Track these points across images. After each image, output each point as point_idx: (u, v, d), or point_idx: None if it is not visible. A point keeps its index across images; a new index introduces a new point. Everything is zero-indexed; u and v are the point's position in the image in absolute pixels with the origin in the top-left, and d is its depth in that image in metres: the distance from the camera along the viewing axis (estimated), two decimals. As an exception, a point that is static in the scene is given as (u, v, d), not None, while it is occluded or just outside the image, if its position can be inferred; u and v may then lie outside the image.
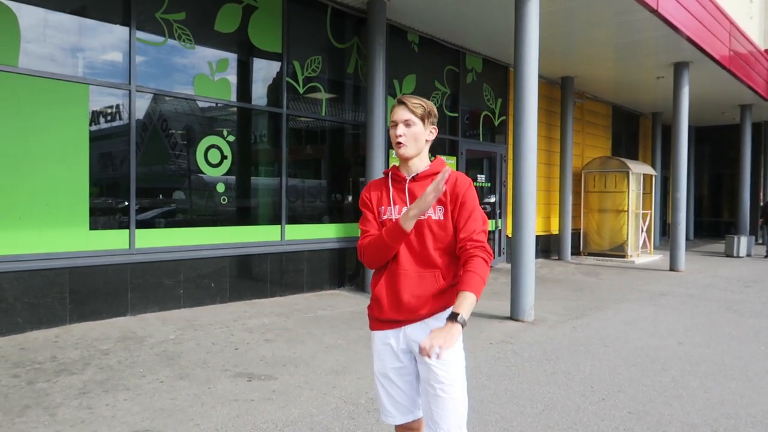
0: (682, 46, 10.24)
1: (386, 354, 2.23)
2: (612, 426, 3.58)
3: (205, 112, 7.07)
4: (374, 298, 2.23)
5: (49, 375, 4.27)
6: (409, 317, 2.15)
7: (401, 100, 2.18)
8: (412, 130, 2.16)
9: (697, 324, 6.56)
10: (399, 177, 2.25)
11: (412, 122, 2.15)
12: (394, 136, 2.17)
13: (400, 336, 2.20)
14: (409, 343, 2.19)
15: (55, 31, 5.69)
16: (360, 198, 2.33)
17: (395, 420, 2.25)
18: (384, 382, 2.25)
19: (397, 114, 2.17)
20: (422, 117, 2.16)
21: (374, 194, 2.29)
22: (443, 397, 2.10)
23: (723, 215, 21.69)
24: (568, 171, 12.98)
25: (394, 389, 2.23)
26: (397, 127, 2.16)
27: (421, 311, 2.14)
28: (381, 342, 2.24)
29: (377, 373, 2.27)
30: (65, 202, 5.71)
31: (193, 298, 6.62)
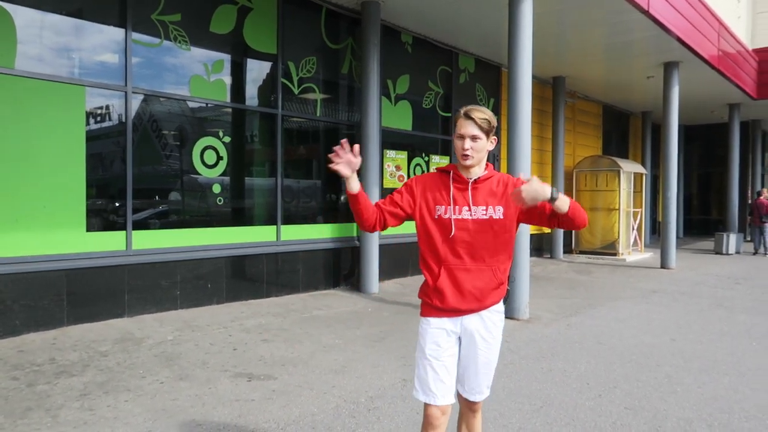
0: (672, 46, 10.36)
1: (441, 338, 2.41)
2: (609, 422, 3.64)
3: (200, 113, 7.08)
4: (436, 289, 2.39)
5: (48, 377, 4.28)
6: (471, 308, 2.39)
7: (469, 115, 2.33)
8: (478, 144, 2.34)
9: (689, 321, 6.65)
10: (461, 179, 2.42)
11: (478, 137, 2.33)
12: (461, 148, 2.35)
13: (457, 324, 2.42)
14: (464, 330, 2.43)
15: (51, 33, 5.69)
16: (406, 182, 2.51)
17: (436, 401, 2.38)
18: (435, 365, 2.40)
19: (466, 128, 2.33)
20: (487, 132, 2.35)
21: (429, 188, 2.45)
22: (481, 373, 2.46)
23: (712, 213, 21.91)
24: (560, 170, 13.08)
25: (442, 371, 2.39)
26: (464, 140, 2.34)
27: (484, 303, 2.39)
28: (437, 327, 2.42)
29: (429, 356, 2.40)
30: (62, 204, 5.70)
31: (190, 298, 6.63)
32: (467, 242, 2.36)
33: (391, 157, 9.30)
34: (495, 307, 2.42)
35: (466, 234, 2.36)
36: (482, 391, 2.49)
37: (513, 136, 6.65)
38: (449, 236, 2.37)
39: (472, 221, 2.36)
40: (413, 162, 9.80)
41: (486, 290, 2.37)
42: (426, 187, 2.45)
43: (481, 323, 2.41)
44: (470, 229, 2.36)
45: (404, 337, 5.65)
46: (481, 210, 2.37)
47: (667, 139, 11.77)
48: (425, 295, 2.45)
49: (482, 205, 2.37)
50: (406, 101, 9.59)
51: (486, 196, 2.38)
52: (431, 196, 2.42)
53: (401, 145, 9.46)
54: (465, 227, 2.37)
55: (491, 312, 2.42)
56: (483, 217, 2.36)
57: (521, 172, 2.26)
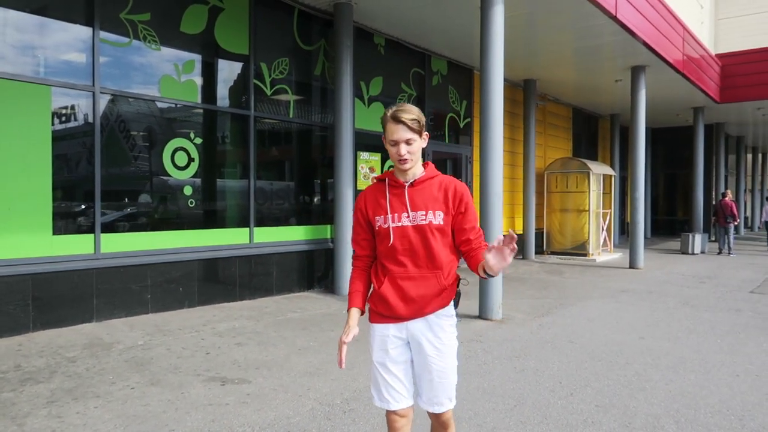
0: (639, 50, 10.58)
1: (386, 345, 2.37)
2: (581, 419, 3.70)
3: (171, 114, 6.97)
4: (379, 296, 2.35)
5: (14, 384, 4.17)
6: (414, 314, 2.33)
7: (399, 119, 2.23)
8: (413, 146, 2.26)
9: (657, 319, 6.80)
10: (397, 183, 2.35)
11: (412, 140, 2.25)
12: (397, 154, 2.25)
13: (402, 329, 2.36)
14: (410, 336, 2.36)
15: (14, 30, 5.54)
16: (356, 205, 2.47)
17: (390, 406, 2.36)
18: (382, 371, 2.37)
19: (398, 133, 2.23)
20: (419, 131, 2.26)
21: (370, 202, 2.40)
22: (437, 382, 2.35)
23: (678, 214, 22.44)
24: (531, 172, 13.24)
25: (391, 377, 2.36)
26: (399, 146, 2.25)
27: (426, 309, 2.32)
28: (381, 334, 2.38)
29: (376, 363, 2.39)
30: (27, 207, 5.56)
31: (161, 302, 6.53)
32: (408, 249, 2.29)
33: (364, 159, 9.30)
34: (442, 312, 2.33)
35: (406, 241, 2.29)
36: (441, 402, 2.36)
37: (485, 138, 6.71)
38: (388, 245, 2.32)
39: (412, 227, 2.29)
40: (387, 163, 9.82)
41: (429, 296, 2.29)
42: (368, 201, 2.40)
43: (427, 328, 2.32)
44: (410, 235, 2.28)
45: (378, 339, 5.64)
46: (420, 215, 2.28)
47: (635, 141, 12.02)
48: (371, 301, 2.40)
49: (422, 209, 2.29)
50: (379, 103, 9.60)
51: (426, 200, 2.30)
52: (371, 210, 2.37)
53: (375, 147, 9.46)
54: (405, 234, 2.29)
55: (438, 316, 2.33)
56: (422, 223, 2.28)
57: (498, 236, 2.11)
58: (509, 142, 13.10)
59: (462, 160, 11.87)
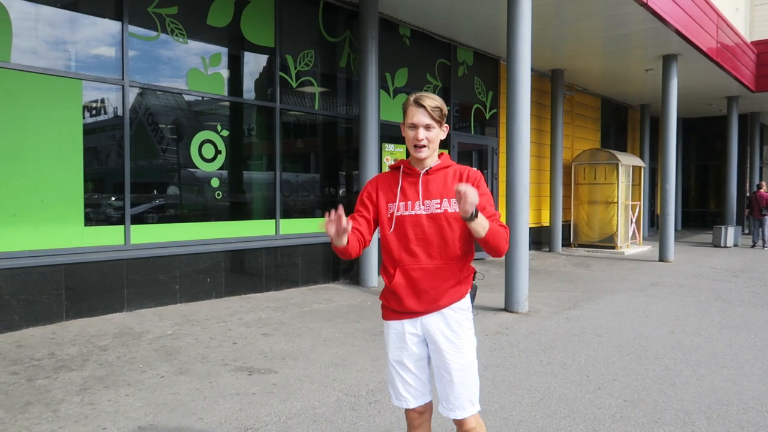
0: (670, 38, 10.33)
1: (402, 342, 2.31)
2: (608, 414, 3.65)
3: (198, 107, 7.05)
4: (391, 291, 2.28)
5: (48, 372, 4.28)
6: (428, 308, 2.25)
7: (420, 102, 2.19)
8: (432, 133, 2.22)
9: (687, 313, 6.67)
10: (412, 171, 2.31)
11: (432, 126, 2.21)
12: (415, 138, 2.21)
13: (417, 325, 2.28)
14: (425, 332, 2.28)
15: (47, 26, 5.65)
16: (365, 188, 2.39)
17: (408, 404, 2.32)
18: (399, 369, 2.32)
19: (418, 117, 2.20)
20: (440, 120, 2.23)
21: (381, 187, 2.34)
22: (457, 382, 2.24)
23: (710, 206, 21.95)
24: (558, 163, 13.07)
25: (408, 375, 2.31)
26: (417, 130, 2.21)
27: (439, 301, 2.24)
28: (396, 330, 2.32)
29: (392, 361, 2.34)
30: (60, 199, 5.68)
31: (189, 293, 6.63)
32: (421, 239, 2.22)
33: (389, 151, 9.28)
34: (457, 305, 2.26)
35: (419, 230, 2.21)
36: (463, 406, 2.24)
37: (512, 129, 6.64)
38: (395, 232, 2.25)
39: (426, 216, 2.21)
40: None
41: (443, 288, 2.22)
42: (380, 187, 2.33)
43: (443, 322, 2.25)
44: (424, 224, 2.21)
45: (404, 331, 5.65)
46: (435, 203, 2.22)
47: (666, 131, 11.76)
48: (384, 297, 2.35)
49: (436, 198, 2.22)
50: (404, 94, 9.55)
51: (440, 188, 2.23)
52: (384, 197, 2.30)
53: (400, 139, 9.43)
54: (418, 223, 2.21)
55: (453, 310, 2.25)
56: (437, 211, 2.21)
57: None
58: (536, 133, 12.94)
59: (488, 151, 11.76)
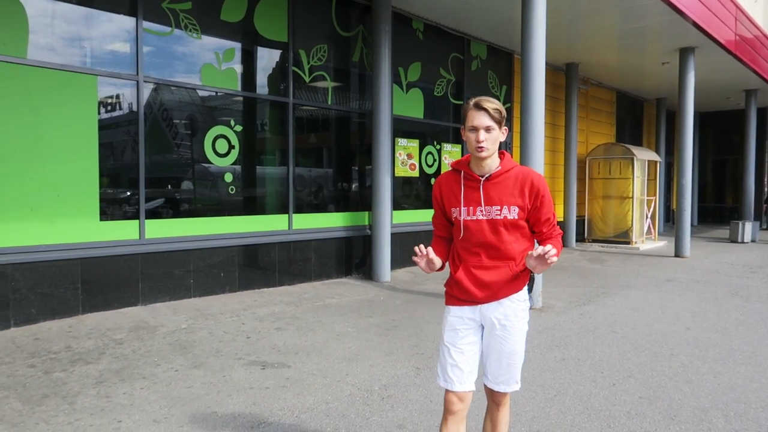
0: (687, 31, 10.18)
1: (460, 326, 2.43)
2: (624, 411, 3.62)
3: (212, 102, 7.07)
4: (455, 281, 2.44)
5: (65, 364, 4.33)
6: (489, 299, 2.40)
7: (481, 106, 2.29)
8: (492, 135, 2.31)
9: (704, 309, 6.59)
10: (473, 176, 2.40)
11: (492, 128, 2.29)
12: (476, 140, 2.30)
13: (476, 311, 2.43)
14: (483, 318, 2.43)
15: (63, 22, 5.69)
16: (433, 194, 2.55)
17: (453, 386, 2.39)
18: (452, 351, 2.42)
19: (479, 120, 2.29)
20: (500, 122, 2.31)
21: (445, 191, 2.47)
22: (505, 363, 2.42)
23: (727, 201, 21.67)
24: (572, 158, 12.97)
25: (460, 358, 2.41)
26: (478, 132, 2.29)
27: (498, 294, 2.39)
28: (456, 315, 2.45)
29: (446, 343, 2.44)
30: (75, 193, 5.74)
31: (203, 287, 6.67)
32: (482, 242, 2.37)
33: (402, 146, 9.26)
34: (516, 296, 2.40)
35: (480, 235, 2.36)
36: (506, 382, 2.45)
37: (526, 123, 6.58)
38: (460, 237, 2.41)
39: (487, 221, 2.35)
40: (425, 150, 9.76)
41: (501, 282, 2.37)
42: (443, 190, 2.47)
43: (501, 310, 2.39)
44: (485, 229, 2.35)
45: (417, 326, 5.65)
46: (495, 210, 2.34)
47: (682, 125, 11.61)
48: (448, 285, 2.49)
49: (497, 204, 2.34)
50: (417, 89, 9.52)
51: (501, 195, 2.35)
52: (447, 200, 2.45)
53: (413, 134, 9.41)
54: (479, 228, 2.36)
55: (512, 300, 2.40)
56: (497, 218, 2.34)
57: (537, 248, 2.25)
58: (550, 128, 12.84)
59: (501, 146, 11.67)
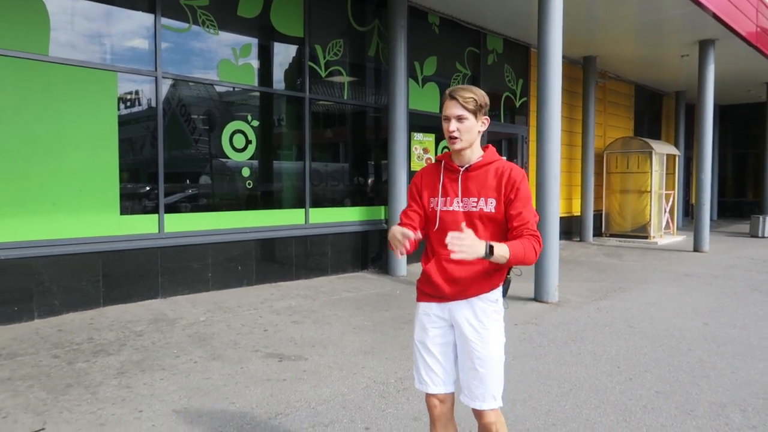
0: (707, 23, 10.04)
1: (428, 324, 2.35)
2: (640, 405, 3.62)
3: (229, 97, 7.14)
4: (425, 274, 2.35)
5: (87, 355, 4.42)
6: (457, 295, 2.27)
7: (452, 95, 2.21)
8: (465, 124, 2.21)
9: (722, 305, 6.53)
10: (452, 167, 2.32)
11: (464, 117, 2.21)
12: (447, 130, 2.23)
13: (445, 310, 2.32)
14: (452, 317, 2.31)
15: (83, 19, 5.77)
16: (412, 181, 2.45)
17: (428, 389, 2.33)
18: (422, 351, 2.35)
19: (450, 109, 2.21)
20: (474, 111, 2.21)
21: (425, 181, 2.39)
22: (479, 372, 2.25)
23: (747, 195, 21.35)
24: (590, 152, 12.87)
25: (430, 358, 2.33)
26: (450, 122, 2.22)
27: (468, 291, 2.26)
28: (424, 312, 2.37)
29: (417, 341, 2.38)
30: (96, 188, 5.83)
31: (221, 280, 6.75)
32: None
33: (418, 140, 9.26)
34: (486, 296, 2.26)
35: (455, 227, 2.19)
36: (483, 397, 2.24)
37: (542, 117, 6.56)
38: (435, 229, 2.30)
39: (463, 213, 2.25)
40: (441, 144, 9.74)
41: (472, 278, 2.24)
42: (423, 180, 2.39)
43: (470, 311, 2.26)
44: (460, 221, 2.22)
45: (432, 320, 5.67)
46: (472, 201, 2.25)
47: (702, 119, 11.46)
48: (419, 280, 2.41)
49: (474, 196, 2.25)
50: (433, 83, 9.51)
51: (479, 187, 2.25)
52: (426, 191, 2.36)
53: (429, 128, 9.40)
54: (455, 219, 2.25)
55: (482, 300, 2.26)
56: (473, 210, 2.24)
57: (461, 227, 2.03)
58: (567, 122, 12.74)
59: (518, 140, 11.64)
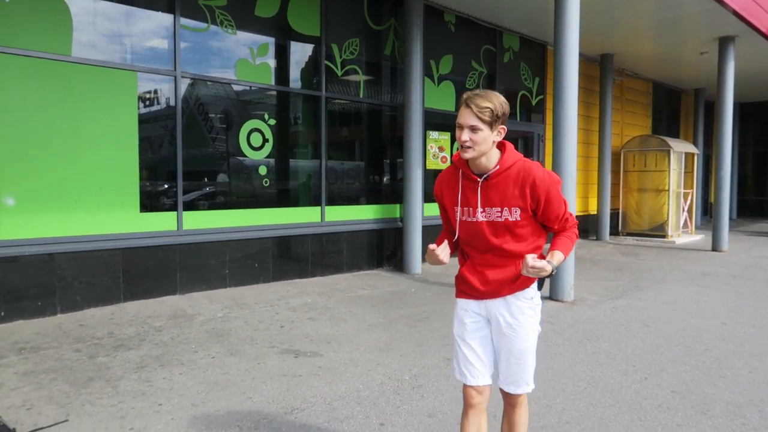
0: (727, 19, 9.91)
1: (466, 319, 2.40)
2: (655, 404, 3.61)
3: (246, 96, 7.21)
4: (461, 275, 2.41)
5: (108, 350, 4.51)
6: (491, 294, 2.33)
7: (467, 103, 2.12)
8: (478, 135, 2.12)
9: (741, 304, 6.47)
10: (470, 176, 2.27)
11: (478, 128, 2.11)
12: (459, 139, 2.16)
13: (482, 306, 2.38)
14: (489, 313, 2.37)
15: (104, 20, 5.87)
16: (435, 192, 2.48)
17: (467, 380, 2.39)
18: (461, 345, 2.41)
19: (463, 117, 2.13)
20: (490, 122, 2.12)
21: (445, 190, 2.39)
22: (513, 363, 2.34)
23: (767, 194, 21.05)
24: (606, 150, 12.78)
25: (469, 352, 2.38)
26: (462, 131, 2.14)
27: (502, 291, 2.32)
28: (462, 308, 2.42)
29: (456, 336, 2.43)
30: (117, 186, 5.94)
31: (238, 277, 6.83)
32: (485, 245, 2.28)
33: (434, 138, 9.27)
34: (522, 294, 2.29)
35: (482, 237, 2.26)
36: (518, 383, 2.35)
37: (559, 115, 6.54)
38: (461, 237, 2.35)
39: (487, 223, 2.24)
40: (456, 143, 9.74)
41: (506, 280, 2.28)
42: (443, 189, 2.38)
43: (506, 308, 2.31)
44: (486, 232, 2.24)
45: (447, 318, 5.69)
46: (495, 212, 2.21)
47: (721, 117, 11.33)
48: (456, 278, 2.46)
49: (497, 206, 2.21)
50: (449, 82, 9.51)
51: (501, 197, 2.20)
52: (447, 199, 2.37)
53: (444, 126, 9.41)
54: (480, 230, 2.25)
55: (517, 297, 2.29)
56: (498, 220, 2.22)
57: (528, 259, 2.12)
58: (584, 120, 12.67)
59: (534, 138, 11.60)
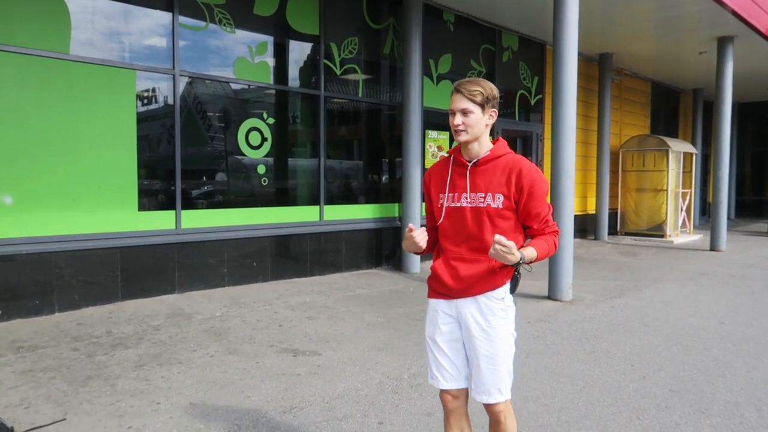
0: (726, 19, 9.92)
1: (437, 320, 2.35)
2: (653, 403, 3.61)
3: (245, 95, 7.21)
4: (433, 271, 2.35)
5: (106, 349, 4.50)
6: (462, 293, 2.27)
7: (458, 88, 2.17)
8: (470, 117, 2.17)
9: (739, 304, 6.48)
10: (461, 162, 2.30)
11: (469, 110, 2.16)
12: (453, 124, 2.20)
13: (452, 306, 2.31)
14: (459, 315, 2.30)
15: (102, 18, 5.86)
16: (423, 181, 2.46)
17: (439, 384, 2.35)
18: (432, 347, 2.36)
19: (455, 102, 2.18)
20: (481, 104, 2.17)
21: (434, 177, 2.39)
22: (483, 368, 2.24)
23: (766, 194, 21.05)
24: (605, 150, 12.79)
25: (440, 355, 2.33)
26: (455, 116, 2.18)
27: (473, 289, 2.24)
28: (434, 309, 2.37)
29: (427, 337, 2.39)
30: (115, 184, 5.93)
31: (237, 276, 6.83)
32: (464, 232, 2.23)
33: (432, 138, 9.27)
34: (492, 294, 2.22)
35: (463, 223, 2.22)
36: (489, 392, 2.23)
37: (557, 114, 6.54)
38: (443, 223, 2.29)
39: (470, 209, 2.21)
40: (455, 142, 9.74)
41: (477, 276, 2.21)
42: (432, 177, 2.38)
43: (477, 309, 2.23)
44: (467, 217, 2.21)
45: (446, 317, 5.69)
46: (479, 197, 2.20)
47: (720, 117, 11.34)
48: (428, 278, 2.40)
49: (481, 191, 2.20)
50: (448, 81, 9.51)
51: (487, 182, 2.20)
52: (435, 188, 2.35)
53: (443, 125, 9.41)
54: (463, 215, 2.22)
55: (488, 298, 2.22)
56: (480, 205, 2.19)
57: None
58: (582, 119, 12.68)
59: (532, 137, 11.60)
